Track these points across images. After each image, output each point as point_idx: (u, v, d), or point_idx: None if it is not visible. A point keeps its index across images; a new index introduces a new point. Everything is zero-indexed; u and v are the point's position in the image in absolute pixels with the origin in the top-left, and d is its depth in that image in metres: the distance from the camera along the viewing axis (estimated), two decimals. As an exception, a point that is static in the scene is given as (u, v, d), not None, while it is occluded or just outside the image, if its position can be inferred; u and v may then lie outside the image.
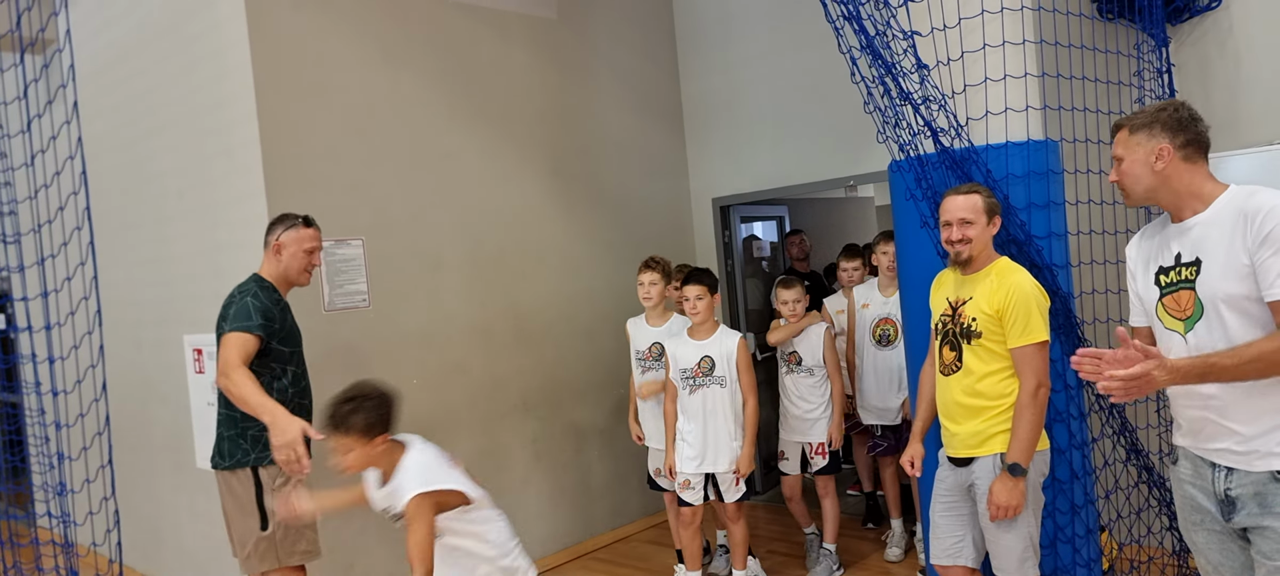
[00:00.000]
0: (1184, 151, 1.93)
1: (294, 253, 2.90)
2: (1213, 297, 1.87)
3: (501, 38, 4.40)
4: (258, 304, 2.76)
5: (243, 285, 2.87)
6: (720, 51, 5.17)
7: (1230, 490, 1.85)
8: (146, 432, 4.46)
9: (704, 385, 3.52)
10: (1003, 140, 3.01)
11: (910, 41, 3.00)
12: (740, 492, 3.60)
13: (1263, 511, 1.80)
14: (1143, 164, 1.96)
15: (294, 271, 2.93)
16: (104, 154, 4.50)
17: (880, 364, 4.02)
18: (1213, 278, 1.87)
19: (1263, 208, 1.80)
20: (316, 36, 3.69)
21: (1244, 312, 1.82)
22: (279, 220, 2.95)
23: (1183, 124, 1.93)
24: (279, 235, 2.90)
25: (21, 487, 3.81)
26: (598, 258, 4.82)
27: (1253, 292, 1.81)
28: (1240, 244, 1.82)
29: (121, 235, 4.49)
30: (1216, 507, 1.90)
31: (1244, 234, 1.81)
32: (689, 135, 5.37)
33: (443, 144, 4.13)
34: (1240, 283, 1.82)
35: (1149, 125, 1.95)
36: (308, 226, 2.96)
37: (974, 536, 2.59)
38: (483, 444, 4.23)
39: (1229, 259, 1.84)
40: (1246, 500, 1.83)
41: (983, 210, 2.52)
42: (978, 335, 2.47)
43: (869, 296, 4.11)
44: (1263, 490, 1.80)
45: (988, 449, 2.49)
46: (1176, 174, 1.93)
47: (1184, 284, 1.92)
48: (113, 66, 4.37)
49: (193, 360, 4.07)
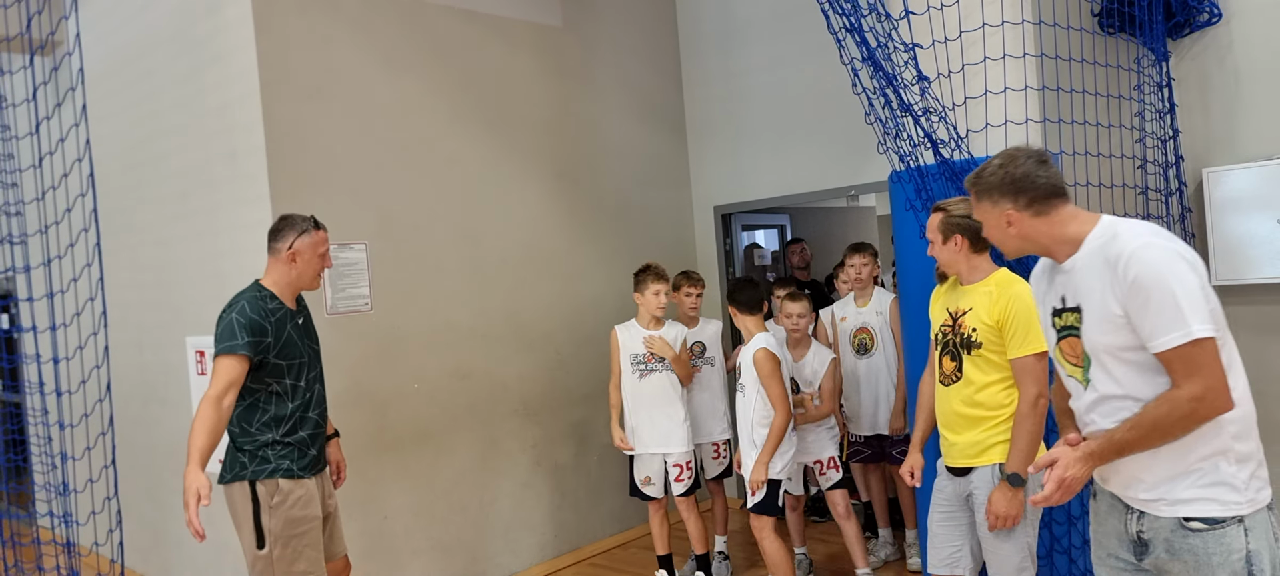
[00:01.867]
0: (1032, 209, 1.80)
1: (309, 258, 2.76)
2: (1095, 350, 1.77)
3: (506, 45, 4.43)
4: (244, 320, 2.59)
5: (236, 296, 2.72)
6: (723, 60, 5.20)
7: (1142, 532, 1.79)
8: (148, 434, 4.47)
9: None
10: (1003, 152, 3.03)
11: (911, 54, 3.03)
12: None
13: (1171, 557, 1.74)
14: (997, 228, 1.86)
15: (308, 277, 2.79)
16: (110, 156, 4.52)
17: (861, 372, 4.07)
18: (1092, 329, 1.76)
19: (1124, 253, 1.67)
20: (322, 42, 3.72)
21: (1129, 363, 1.72)
22: (287, 224, 2.77)
23: (1019, 184, 1.80)
24: (293, 242, 2.74)
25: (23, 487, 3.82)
26: (599, 264, 4.84)
27: (1132, 343, 1.69)
28: (1110, 294, 1.69)
29: (126, 237, 4.51)
30: (1129, 548, 1.83)
31: (1111, 283, 1.69)
32: (691, 143, 5.40)
33: (446, 150, 4.16)
34: (1117, 334, 1.70)
35: (990, 193, 1.85)
36: (318, 229, 2.81)
37: (971, 546, 2.60)
38: (484, 448, 4.25)
39: (1103, 310, 1.72)
40: (1156, 544, 1.77)
41: (938, 229, 2.54)
42: (978, 345, 2.49)
43: (844, 309, 4.16)
44: (1170, 537, 1.74)
45: (986, 459, 2.50)
46: (1033, 231, 1.81)
47: (1071, 331, 1.82)
48: (120, 69, 4.40)
49: (195, 362, 4.09)
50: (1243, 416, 1.72)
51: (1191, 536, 1.71)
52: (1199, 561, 1.70)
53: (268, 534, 2.64)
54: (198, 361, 4.07)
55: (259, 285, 2.76)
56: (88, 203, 2.55)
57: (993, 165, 1.85)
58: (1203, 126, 3.63)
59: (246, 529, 2.66)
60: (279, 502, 2.64)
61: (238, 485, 2.67)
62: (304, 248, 2.73)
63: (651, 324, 3.88)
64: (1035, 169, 1.81)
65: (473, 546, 4.18)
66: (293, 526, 2.67)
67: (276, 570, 2.66)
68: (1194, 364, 1.63)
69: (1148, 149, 3.59)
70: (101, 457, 2.92)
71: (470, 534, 4.17)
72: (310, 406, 2.80)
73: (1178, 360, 1.64)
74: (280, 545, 2.64)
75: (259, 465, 2.66)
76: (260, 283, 2.77)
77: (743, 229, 5.58)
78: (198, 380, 4.07)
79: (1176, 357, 1.64)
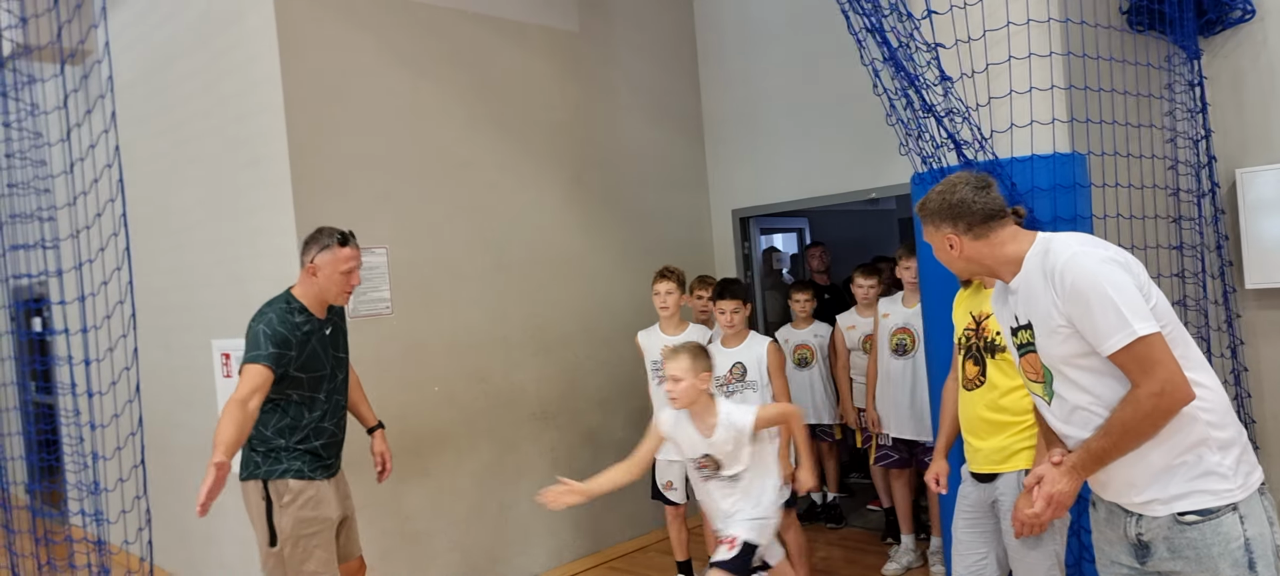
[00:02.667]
0: (972, 233, 1.87)
1: (330, 275, 2.74)
2: (1053, 362, 1.81)
3: (523, 49, 4.45)
4: (270, 331, 2.61)
5: (268, 305, 2.73)
6: (741, 62, 5.18)
7: (1142, 535, 1.80)
8: (176, 434, 4.54)
9: (736, 391, 3.53)
10: (1028, 153, 2.99)
11: (934, 53, 2.99)
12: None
13: (1172, 555, 1.75)
14: (943, 252, 1.94)
15: (331, 293, 2.78)
16: (138, 163, 4.60)
17: (898, 373, 4.01)
18: (1044, 342, 1.80)
19: (1057, 264, 1.73)
20: (343, 49, 3.76)
21: (1087, 370, 1.75)
22: (315, 238, 2.77)
23: (957, 210, 1.87)
24: (314, 256, 2.74)
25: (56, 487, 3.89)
26: (617, 268, 4.84)
27: (1083, 349, 1.73)
28: (1053, 307, 1.74)
29: (154, 241, 4.58)
30: (1130, 552, 1.84)
31: (1052, 296, 1.74)
32: (709, 146, 5.39)
33: (465, 155, 4.18)
34: (1065, 343, 1.75)
35: (932, 218, 1.92)
36: (344, 245, 2.76)
37: (997, 554, 2.57)
38: (501, 451, 4.26)
39: (1048, 322, 1.77)
40: (1157, 544, 1.77)
41: None
42: (1001, 349, 2.45)
43: (890, 307, 4.10)
44: (1169, 534, 1.75)
45: (1012, 465, 2.46)
46: (975, 253, 1.88)
47: (1028, 348, 1.86)
48: (146, 77, 4.47)
49: (221, 364, 4.14)
50: (1216, 404, 1.74)
51: (1188, 530, 1.72)
52: (1199, 555, 1.71)
53: (279, 532, 2.68)
54: (223, 364, 4.12)
55: (290, 295, 2.77)
56: (117, 208, 2.60)
57: (934, 193, 1.93)
58: (1236, 126, 3.55)
59: (260, 526, 2.73)
60: (290, 502, 2.69)
61: (252, 483, 2.73)
62: (323, 264, 2.73)
63: (669, 327, 3.86)
64: (972, 195, 1.87)
65: (491, 548, 4.19)
66: (303, 526, 2.70)
67: (287, 568, 2.71)
68: (1146, 360, 1.66)
69: (1179, 149, 3.52)
70: (131, 457, 2.97)
71: (488, 536, 4.19)
72: (327, 416, 2.81)
73: (1130, 360, 1.68)
74: (291, 544, 2.68)
75: (272, 465, 2.71)
76: (292, 292, 2.78)
77: (761, 232, 5.55)
78: (223, 382, 4.13)
79: (1127, 358, 1.68)
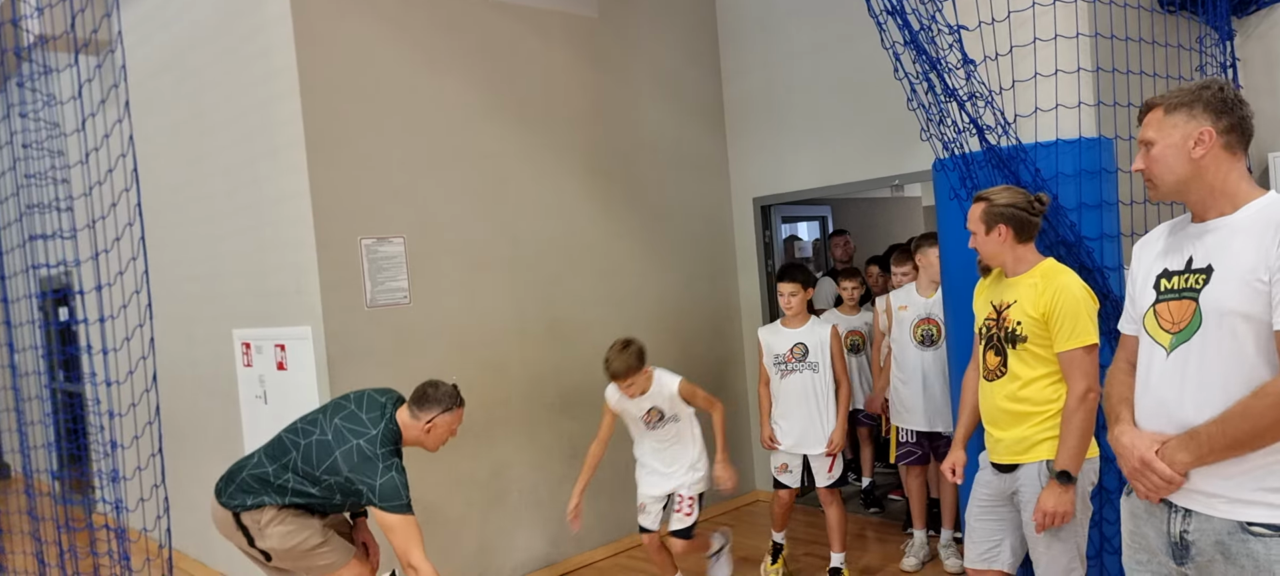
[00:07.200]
0: (1226, 138, 1.68)
1: (441, 435, 2.85)
2: (1217, 311, 1.64)
3: (541, 37, 4.42)
4: (404, 480, 2.66)
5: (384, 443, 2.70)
6: (762, 49, 5.11)
7: (1187, 533, 1.66)
8: (198, 423, 4.59)
9: (796, 370, 3.73)
10: (1053, 138, 2.91)
11: (956, 36, 2.92)
12: (834, 477, 3.76)
13: (1225, 561, 1.61)
14: (1178, 149, 1.71)
15: (432, 447, 2.88)
16: (159, 154, 4.64)
17: (923, 365, 3.94)
18: (1223, 289, 1.64)
19: None
20: (360, 37, 3.75)
21: (1238, 337, 1.61)
22: (432, 399, 2.81)
23: (1228, 106, 1.69)
24: (434, 417, 2.80)
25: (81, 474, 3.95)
26: (636, 257, 4.81)
27: (1259, 314, 1.58)
28: (1262, 259, 1.59)
29: (176, 232, 4.63)
30: (1168, 549, 1.71)
31: (1272, 247, 1.58)
32: (730, 134, 5.33)
33: (483, 144, 4.16)
34: (1252, 301, 1.59)
35: (1189, 104, 1.70)
36: (460, 405, 2.88)
37: (1012, 542, 2.52)
38: (520, 441, 4.26)
39: (1248, 272, 1.61)
40: (1206, 548, 1.63)
41: (981, 219, 2.45)
42: (1023, 339, 2.39)
43: (907, 298, 4.03)
44: (1226, 540, 1.60)
45: (1033, 456, 2.41)
46: (1214, 165, 1.69)
47: (1187, 293, 1.70)
48: (167, 68, 4.51)
49: (241, 354, 4.18)
50: None
51: (1253, 541, 1.59)
52: (1259, 568, 1.58)
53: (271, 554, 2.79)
54: (244, 353, 4.15)
55: (400, 437, 2.79)
56: (132, 197, 2.61)
57: (1192, 85, 1.74)
58: (1270, 109, 3.44)
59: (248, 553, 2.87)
60: (268, 521, 2.75)
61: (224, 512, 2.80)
62: (441, 424, 2.82)
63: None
64: (1244, 103, 1.72)
65: (511, 536, 4.20)
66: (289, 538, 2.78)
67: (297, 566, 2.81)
68: None
69: (1210, 133, 3.41)
70: (149, 446, 2.99)
71: (509, 524, 4.19)
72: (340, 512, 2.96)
73: None
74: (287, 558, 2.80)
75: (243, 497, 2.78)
76: (402, 437, 2.80)
77: (783, 221, 5.49)
78: (244, 371, 4.16)
79: None
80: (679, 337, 4.97)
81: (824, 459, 3.74)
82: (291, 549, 2.75)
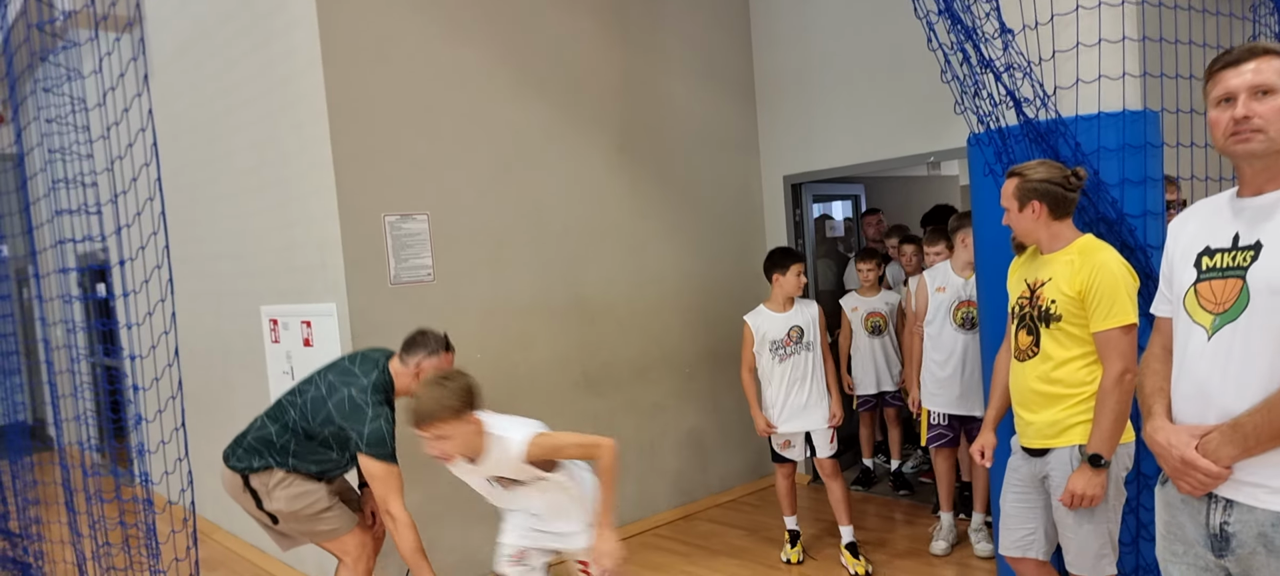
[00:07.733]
0: None
1: None
2: (1268, 289, 1.53)
3: (567, 9, 4.35)
4: (391, 428, 2.73)
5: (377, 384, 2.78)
6: (794, 21, 4.98)
7: (1228, 525, 1.58)
8: (229, 396, 4.65)
9: (795, 353, 3.76)
10: (1095, 111, 2.78)
11: (994, 4, 2.79)
12: (835, 449, 3.83)
13: (1268, 553, 1.52)
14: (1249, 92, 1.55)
15: None
16: (186, 131, 4.68)
17: (965, 348, 3.82)
18: (1275, 266, 1.53)
19: None
20: (383, 11, 3.72)
21: None
22: (419, 343, 2.88)
23: None
24: (420, 361, 2.86)
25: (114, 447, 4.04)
26: (663, 235, 4.74)
27: None
28: None
29: (205, 208, 4.67)
30: (1206, 541, 1.63)
31: None
32: (760, 109, 5.22)
33: (508, 119, 4.12)
34: None
35: None
36: (448, 351, 2.93)
37: (1046, 528, 2.43)
38: (544, 419, 4.19)
39: None
40: (1247, 540, 1.55)
41: (1014, 195, 2.35)
42: (1057, 318, 2.29)
43: (943, 279, 3.90)
44: (1269, 531, 1.52)
45: (1065, 440, 2.31)
46: None
47: (1233, 271, 1.59)
48: (193, 45, 4.53)
49: (269, 329, 4.21)
50: None
51: None
52: None
53: (278, 516, 2.87)
54: (271, 329, 4.19)
55: (392, 387, 2.86)
56: (152, 172, 2.62)
57: None
58: (1332, 79, 3.25)
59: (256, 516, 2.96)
60: (276, 485, 2.84)
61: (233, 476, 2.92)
62: (428, 368, 2.86)
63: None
64: None
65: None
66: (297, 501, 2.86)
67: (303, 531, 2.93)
68: None
69: (1265, 105, 3.23)
70: (173, 420, 3.03)
71: (531, 504, 4.18)
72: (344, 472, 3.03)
73: None
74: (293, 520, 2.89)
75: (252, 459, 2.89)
76: (395, 387, 2.87)
77: (814, 200, 5.37)
78: (272, 347, 4.20)
79: None
80: (705, 319, 4.91)
81: (826, 432, 3.79)
82: (297, 511, 2.83)
